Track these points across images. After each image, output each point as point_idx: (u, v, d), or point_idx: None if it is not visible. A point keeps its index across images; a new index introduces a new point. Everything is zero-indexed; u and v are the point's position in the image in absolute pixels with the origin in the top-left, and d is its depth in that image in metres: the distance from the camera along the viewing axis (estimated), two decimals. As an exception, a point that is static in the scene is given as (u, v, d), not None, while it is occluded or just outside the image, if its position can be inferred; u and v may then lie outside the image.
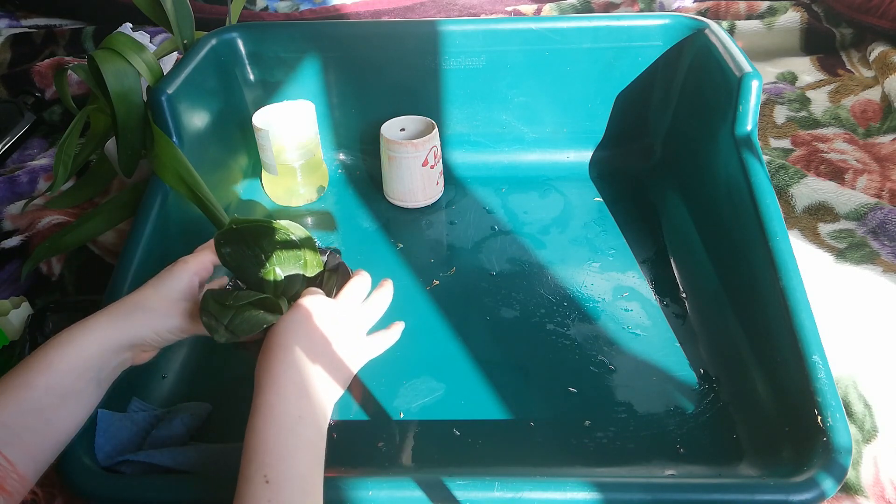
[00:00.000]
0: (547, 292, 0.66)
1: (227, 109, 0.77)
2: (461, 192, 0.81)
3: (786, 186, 0.76)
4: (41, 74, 0.98)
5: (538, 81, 0.79)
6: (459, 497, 0.42)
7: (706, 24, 0.73)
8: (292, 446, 0.39)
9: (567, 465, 0.52)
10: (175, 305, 0.46)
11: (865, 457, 0.52)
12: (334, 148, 0.86)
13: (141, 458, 0.47)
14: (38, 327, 0.61)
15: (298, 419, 0.41)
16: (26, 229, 0.73)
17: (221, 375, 0.59)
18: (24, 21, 1.20)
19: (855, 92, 0.93)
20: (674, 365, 0.59)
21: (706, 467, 0.51)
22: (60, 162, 0.70)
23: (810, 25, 1.05)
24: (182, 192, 0.63)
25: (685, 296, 0.65)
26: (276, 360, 0.43)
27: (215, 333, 0.44)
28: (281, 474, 0.37)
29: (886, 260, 0.68)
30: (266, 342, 0.44)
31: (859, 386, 0.57)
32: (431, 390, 0.57)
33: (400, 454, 0.52)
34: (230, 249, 0.48)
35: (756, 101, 0.62)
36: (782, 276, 0.52)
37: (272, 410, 0.40)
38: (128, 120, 0.65)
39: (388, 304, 0.53)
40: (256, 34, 0.77)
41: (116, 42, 0.66)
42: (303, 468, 0.39)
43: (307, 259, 0.49)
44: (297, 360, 0.43)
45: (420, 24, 0.77)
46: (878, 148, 0.83)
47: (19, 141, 0.91)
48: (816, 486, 0.41)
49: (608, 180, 0.82)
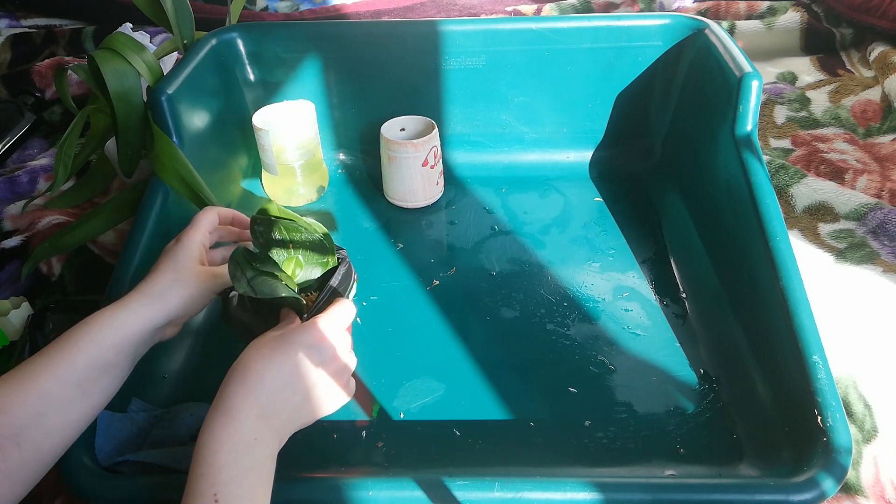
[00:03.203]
0: (547, 292, 0.66)
1: (227, 109, 0.77)
2: (461, 192, 0.81)
3: (786, 186, 0.76)
4: (41, 74, 0.98)
5: (538, 81, 0.79)
6: (459, 497, 0.42)
7: (706, 24, 0.73)
8: (245, 468, 0.39)
9: (567, 465, 0.52)
10: (199, 271, 0.49)
11: (865, 457, 0.52)
12: (334, 148, 0.86)
13: (141, 458, 0.47)
14: (38, 327, 0.61)
15: (254, 441, 0.40)
16: (26, 229, 0.73)
17: (221, 375, 0.58)
18: (24, 21, 1.20)
19: (855, 92, 0.93)
20: (674, 365, 0.59)
21: (706, 467, 0.51)
22: (60, 162, 0.70)
23: (810, 25, 1.05)
24: (182, 192, 0.63)
25: (685, 296, 0.65)
26: (247, 377, 0.42)
27: (237, 283, 0.45)
28: (231, 494, 0.37)
29: (886, 260, 0.68)
30: (245, 354, 0.43)
31: (859, 386, 0.57)
32: (431, 390, 0.57)
33: (400, 454, 0.52)
34: (263, 229, 0.49)
35: (756, 101, 0.62)
36: (782, 277, 0.52)
37: (231, 428, 0.39)
38: (128, 120, 0.65)
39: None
40: (256, 34, 0.77)
41: (116, 42, 0.66)
42: (253, 491, 0.38)
43: (329, 261, 0.50)
44: (266, 384, 0.42)
45: (420, 24, 0.77)
46: (878, 148, 0.83)
47: (19, 141, 0.91)
48: (816, 487, 0.41)
49: (608, 180, 0.82)
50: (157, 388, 0.56)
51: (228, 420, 0.40)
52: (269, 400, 0.41)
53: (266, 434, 0.41)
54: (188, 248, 0.50)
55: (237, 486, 0.38)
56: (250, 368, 0.42)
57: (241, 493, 0.38)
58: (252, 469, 0.39)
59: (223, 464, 0.38)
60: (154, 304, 0.46)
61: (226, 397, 0.41)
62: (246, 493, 0.38)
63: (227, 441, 0.39)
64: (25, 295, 0.67)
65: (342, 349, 0.46)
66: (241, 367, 0.42)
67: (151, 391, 0.55)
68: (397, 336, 0.62)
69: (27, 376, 0.41)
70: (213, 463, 0.38)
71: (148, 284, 0.47)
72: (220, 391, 0.42)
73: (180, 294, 0.47)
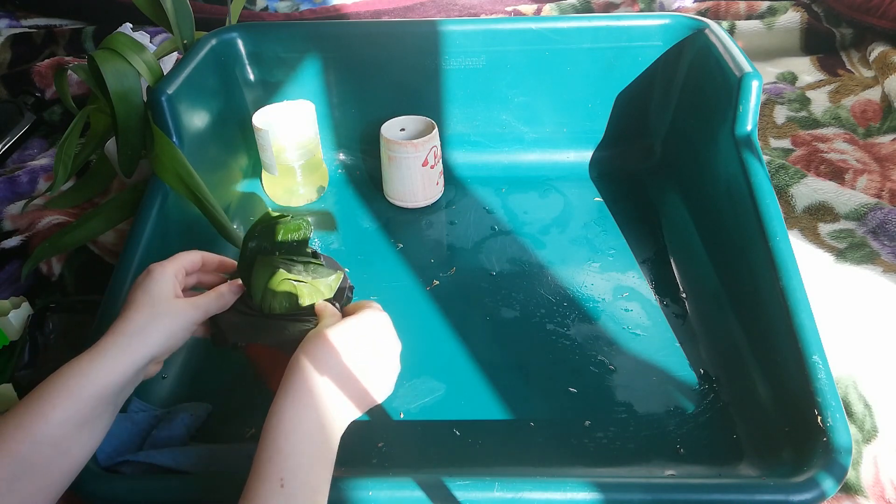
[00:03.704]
0: (547, 292, 0.66)
1: (227, 109, 0.77)
2: (461, 192, 0.81)
3: (786, 186, 0.76)
4: (41, 74, 0.98)
5: (538, 81, 0.79)
6: (459, 497, 0.42)
7: (706, 24, 0.73)
8: (311, 454, 0.39)
9: (567, 465, 0.52)
10: (177, 303, 0.45)
11: (865, 457, 0.52)
12: (334, 148, 0.85)
13: (141, 458, 0.47)
14: (38, 327, 0.61)
15: (321, 428, 0.41)
16: (26, 229, 0.73)
17: (221, 375, 0.59)
18: (24, 21, 1.20)
19: (855, 92, 0.93)
20: (674, 365, 0.59)
21: (706, 467, 0.51)
22: (60, 162, 0.70)
23: (810, 25, 1.05)
24: (182, 192, 0.63)
25: (685, 296, 0.65)
26: (317, 365, 0.42)
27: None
28: (297, 481, 0.38)
29: (886, 260, 0.68)
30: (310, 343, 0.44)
31: (859, 386, 0.57)
32: (431, 390, 0.57)
33: (400, 454, 0.52)
34: (255, 244, 0.50)
35: (756, 101, 0.62)
36: (782, 277, 0.52)
37: (301, 414, 0.40)
38: (128, 120, 0.65)
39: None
40: (256, 34, 0.77)
41: (116, 42, 0.66)
42: (316, 480, 0.39)
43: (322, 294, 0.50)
44: (333, 372, 0.42)
45: (420, 24, 0.77)
46: (878, 148, 0.83)
47: (19, 141, 0.91)
48: (816, 487, 0.41)
49: (608, 180, 0.82)
50: (157, 388, 0.56)
51: (300, 406, 0.40)
52: (335, 387, 0.42)
53: (332, 422, 0.42)
54: (161, 280, 0.45)
55: (303, 472, 0.38)
56: (318, 357, 0.42)
57: (306, 479, 0.38)
58: (317, 456, 0.40)
59: (291, 450, 0.38)
60: (133, 343, 0.42)
61: (295, 384, 0.41)
62: (310, 478, 0.39)
63: (296, 427, 0.39)
64: (25, 295, 0.67)
65: (392, 337, 0.48)
66: (308, 355, 0.43)
67: (151, 391, 0.55)
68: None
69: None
70: (281, 448, 0.38)
71: (124, 323, 0.43)
72: (286, 377, 0.42)
73: (160, 330, 0.43)
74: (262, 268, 0.49)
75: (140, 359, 0.42)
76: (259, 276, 0.48)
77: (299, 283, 0.48)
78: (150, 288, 0.45)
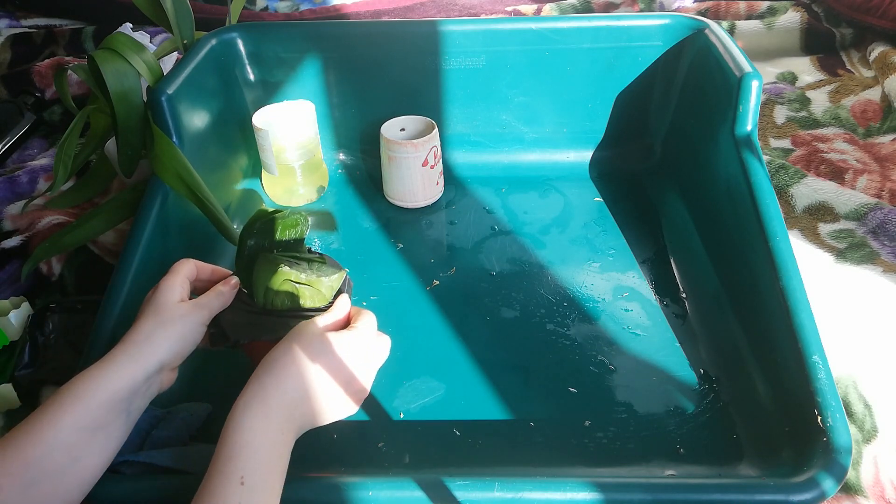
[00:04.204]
0: (547, 292, 0.66)
1: (227, 109, 0.77)
2: (461, 192, 0.81)
3: (786, 186, 0.76)
4: (41, 74, 0.98)
5: (538, 81, 0.79)
6: (459, 497, 0.42)
7: (706, 24, 0.73)
8: (271, 456, 0.40)
9: (567, 465, 0.52)
10: (182, 307, 0.46)
11: (865, 457, 0.52)
12: (334, 148, 0.85)
13: (141, 458, 0.47)
14: (38, 327, 0.61)
15: (280, 432, 0.41)
16: (26, 229, 0.73)
17: (221, 375, 0.59)
18: (24, 21, 1.19)
19: (855, 92, 0.93)
20: (674, 365, 0.59)
21: (706, 467, 0.51)
22: (60, 162, 0.70)
23: (810, 25, 1.05)
24: (182, 192, 0.63)
25: (685, 296, 0.65)
26: (288, 368, 0.43)
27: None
28: (258, 479, 0.38)
29: (886, 260, 0.68)
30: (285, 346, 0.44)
31: (859, 386, 0.57)
32: (431, 390, 0.57)
33: (400, 454, 0.52)
34: (253, 242, 0.50)
35: (756, 101, 0.62)
36: (782, 277, 0.52)
37: (265, 416, 0.40)
38: (128, 120, 0.65)
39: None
40: (256, 34, 0.77)
41: (116, 42, 0.66)
42: (275, 478, 0.39)
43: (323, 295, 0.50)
44: (300, 379, 0.43)
45: (420, 24, 0.77)
46: (878, 148, 0.83)
47: (19, 141, 0.91)
48: (816, 487, 0.41)
49: (608, 180, 0.82)
50: (157, 388, 0.56)
51: (265, 408, 0.41)
52: (297, 395, 0.42)
53: (290, 427, 0.42)
54: (167, 290, 0.47)
55: (263, 472, 0.38)
56: (289, 361, 0.43)
57: (265, 479, 0.39)
58: (276, 458, 0.40)
59: (255, 449, 0.39)
60: (141, 350, 0.43)
61: (263, 385, 0.42)
62: (269, 479, 0.39)
63: (260, 428, 0.40)
64: (25, 295, 0.67)
65: (371, 357, 0.48)
66: (281, 358, 0.43)
67: (151, 391, 0.55)
68: (397, 336, 0.62)
69: (11, 444, 0.37)
70: (244, 447, 0.39)
71: (132, 333, 0.44)
72: (255, 376, 0.42)
73: (167, 335, 0.45)
74: (263, 265, 0.49)
75: (149, 364, 0.43)
76: (261, 274, 0.48)
77: (301, 285, 0.48)
78: (157, 299, 0.46)
